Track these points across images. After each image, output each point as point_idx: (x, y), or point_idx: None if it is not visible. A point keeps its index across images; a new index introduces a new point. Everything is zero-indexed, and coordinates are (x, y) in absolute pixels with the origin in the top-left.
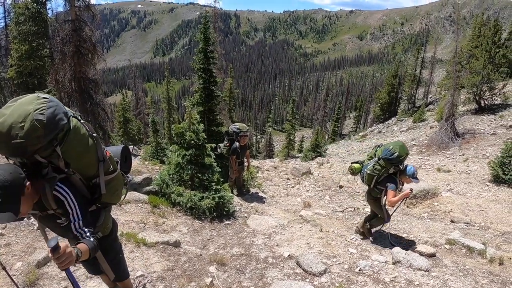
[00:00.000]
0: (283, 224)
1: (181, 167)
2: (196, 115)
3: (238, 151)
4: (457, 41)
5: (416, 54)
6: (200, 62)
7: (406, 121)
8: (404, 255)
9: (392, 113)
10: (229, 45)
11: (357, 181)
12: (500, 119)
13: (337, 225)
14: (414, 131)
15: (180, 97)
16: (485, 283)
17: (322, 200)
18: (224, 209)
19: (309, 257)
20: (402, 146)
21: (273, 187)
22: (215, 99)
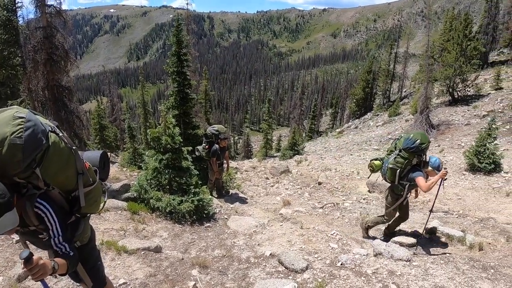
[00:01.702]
0: (263, 223)
1: (158, 172)
2: (171, 118)
3: (219, 153)
4: (428, 35)
5: (389, 50)
6: (174, 65)
7: (382, 115)
8: (384, 246)
9: (367, 108)
10: (203, 47)
11: (378, 179)
12: (473, 109)
13: (317, 221)
14: (390, 125)
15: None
16: (466, 269)
17: (301, 197)
18: (204, 212)
19: (290, 254)
20: (424, 134)
21: (252, 187)
22: (190, 102)
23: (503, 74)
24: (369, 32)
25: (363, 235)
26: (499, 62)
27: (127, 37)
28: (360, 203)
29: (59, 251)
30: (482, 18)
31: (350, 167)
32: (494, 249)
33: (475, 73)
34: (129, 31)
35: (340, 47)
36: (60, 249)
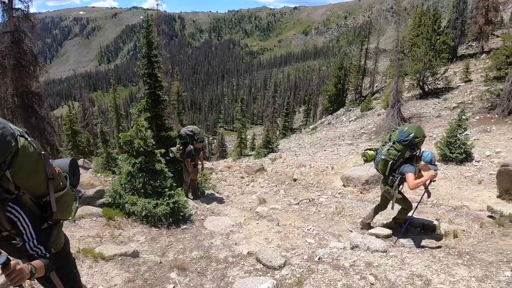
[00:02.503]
0: (240, 222)
1: (132, 176)
2: (143, 121)
3: (193, 154)
4: (398, 31)
5: (360, 46)
6: (145, 67)
7: (354, 110)
8: (361, 239)
9: (340, 104)
10: (175, 48)
11: (370, 169)
12: (444, 101)
13: (294, 217)
14: (362, 120)
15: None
16: (442, 257)
17: (277, 195)
18: (180, 214)
19: (268, 252)
20: (419, 128)
21: (228, 187)
22: (162, 104)
23: (472, 67)
24: (340, 29)
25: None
26: (468, 55)
27: (98, 40)
28: (335, 197)
29: (35, 254)
30: (451, 13)
31: (324, 162)
32: (469, 236)
33: (445, 67)
34: (99, 34)
35: (312, 45)
36: (36, 252)
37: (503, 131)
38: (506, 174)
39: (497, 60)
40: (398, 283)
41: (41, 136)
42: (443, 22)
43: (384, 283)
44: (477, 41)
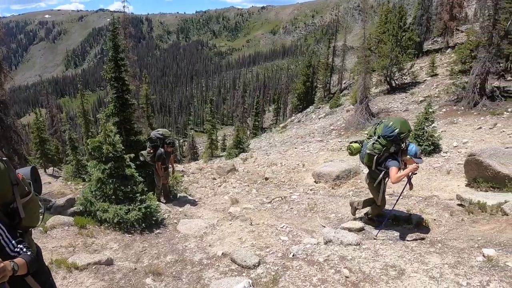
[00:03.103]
0: (213, 224)
1: (102, 182)
2: (111, 126)
3: (164, 157)
4: (364, 28)
5: (328, 44)
6: (111, 71)
7: (324, 107)
8: (334, 233)
9: (309, 101)
10: (143, 51)
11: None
12: (411, 96)
13: (267, 216)
14: (331, 116)
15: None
16: (414, 246)
17: (249, 194)
18: (153, 219)
19: (242, 251)
20: (404, 122)
21: (200, 189)
22: (130, 108)
23: (437, 61)
24: (308, 27)
25: (371, 225)
26: (433, 50)
27: (64, 44)
28: (307, 194)
29: (16, 255)
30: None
31: (295, 160)
32: (440, 225)
33: (411, 62)
34: (65, 37)
35: (280, 44)
36: (17, 252)
37: (469, 122)
38: (473, 163)
39: (461, 54)
40: (373, 275)
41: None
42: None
43: (358, 275)
44: (442, 36)
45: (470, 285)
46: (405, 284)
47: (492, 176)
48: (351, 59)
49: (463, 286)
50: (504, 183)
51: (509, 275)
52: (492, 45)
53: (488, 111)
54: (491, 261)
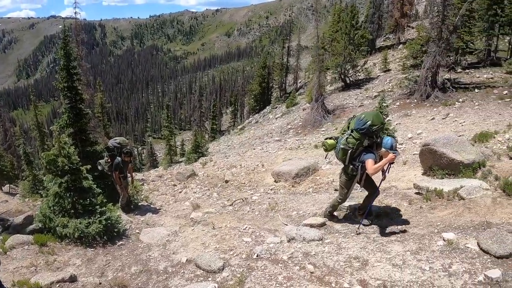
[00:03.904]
0: (175, 231)
1: (60, 197)
2: (65, 138)
3: (121, 166)
4: (317, 28)
5: (282, 44)
6: (64, 80)
7: (280, 107)
8: (296, 231)
9: (266, 102)
10: (97, 58)
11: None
12: (365, 91)
13: (229, 219)
14: (288, 116)
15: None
16: (376, 237)
17: (210, 198)
18: (114, 230)
19: (206, 256)
20: (377, 115)
21: (160, 196)
22: (84, 118)
23: (390, 57)
24: (262, 29)
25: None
26: (385, 46)
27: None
28: (268, 194)
29: None
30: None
31: (255, 161)
32: (399, 214)
33: (364, 59)
34: (16, 47)
35: (235, 46)
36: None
37: (422, 114)
38: (428, 152)
39: (413, 50)
40: (337, 268)
41: None
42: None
43: (323, 269)
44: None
45: (433, 269)
46: (369, 274)
47: (447, 163)
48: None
49: (426, 270)
50: (459, 169)
51: (470, 256)
52: (442, 40)
53: (440, 102)
54: (452, 244)
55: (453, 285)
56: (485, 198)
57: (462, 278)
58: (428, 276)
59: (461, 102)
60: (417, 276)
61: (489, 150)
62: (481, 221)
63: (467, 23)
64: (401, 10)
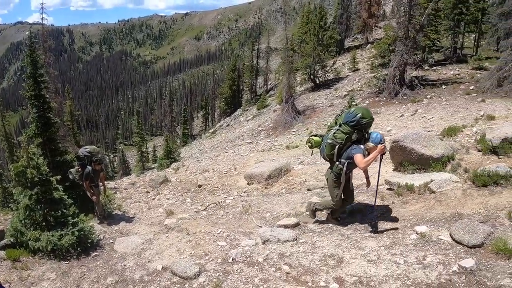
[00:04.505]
0: (150, 238)
1: (31, 209)
2: (33, 148)
3: (92, 175)
4: (285, 30)
5: (252, 47)
6: (31, 88)
7: (251, 109)
8: (270, 232)
9: (237, 105)
10: (65, 64)
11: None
12: (335, 91)
13: (203, 224)
14: (259, 118)
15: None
16: (350, 234)
17: (184, 204)
18: (88, 241)
19: (181, 263)
20: (367, 109)
21: (134, 204)
22: (53, 127)
23: (358, 57)
24: (232, 32)
25: (310, 217)
26: (354, 47)
27: None
28: (241, 197)
29: None
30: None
31: (227, 164)
32: (372, 210)
33: (333, 59)
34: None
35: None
36: None
37: (391, 111)
38: (398, 148)
39: (380, 49)
40: (313, 267)
41: None
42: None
43: (299, 269)
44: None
45: (407, 262)
46: (345, 271)
47: (417, 158)
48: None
49: (400, 264)
50: (429, 163)
51: (443, 247)
52: (409, 39)
53: (408, 99)
54: (425, 237)
55: (428, 277)
56: (456, 191)
57: (437, 270)
58: (403, 270)
59: (429, 99)
60: (392, 270)
61: (457, 144)
62: (452, 213)
63: (433, 22)
64: (368, 11)
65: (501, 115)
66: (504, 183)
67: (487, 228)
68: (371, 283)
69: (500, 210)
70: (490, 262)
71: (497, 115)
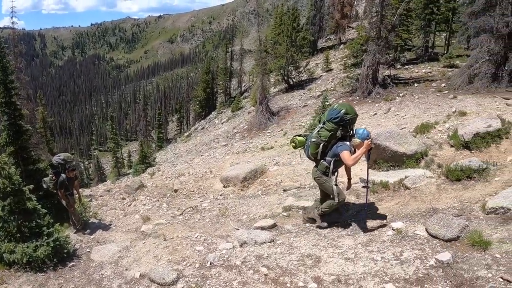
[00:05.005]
0: (126, 246)
1: (4, 221)
2: (4, 158)
3: (66, 184)
4: (259, 31)
5: (225, 49)
6: (1, 95)
7: (226, 112)
8: (247, 235)
9: (211, 107)
10: (37, 69)
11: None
12: (309, 92)
13: (180, 229)
14: (234, 120)
15: None
16: (327, 233)
17: (160, 209)
18: (64, 251)
19: (159, 269)
20: (350, 106)
21: (110, 211)
22: (25, 134)
23: (331, 57)
24: (206, 34)
25: (317, 224)
26: (327, 47)
27: None
28: (217, 200)
29: None
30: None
31: (203, 167)
32: (348, 208)
33: (307, 60)
34: None
35: (178, 52)
36: None
37: (365, 110)
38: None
39: (353, 49)
40: (291, 267)
41: None
42: (303, 20)
43: (277, 271)
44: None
45: (385, 259)
46: (323, 270)
47: (391, 156)
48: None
49: (378, 261)
50: (402, 160)
51: (419, 242)
52: (381, 39)
53: (381, 98)
54: (401, 233)
55: (405, 272)
56: (430, 186)
57: (414, 264)
58: (380, 266)
59: (402, 97)
60: (370, 267)
61: (430, 140)
62: (427, 208)
63: (405, 22)
64: (341, 12)
65: (473, 110)
66: (477, 177)
67: (462, 222)
68: (350, 281)
69: (474, 203)
70: (466, 254)
71: (469, 111)
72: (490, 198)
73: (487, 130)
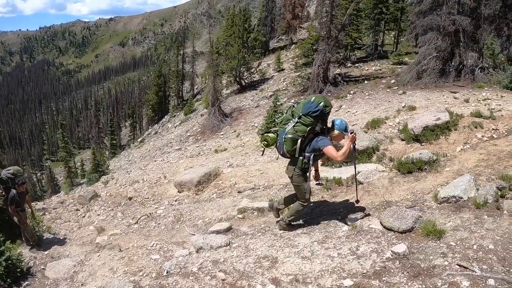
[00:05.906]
0: (81, 260)
1: None
2: None
3: (17, 199)
4: (210, 33)
5: (177, 51)
6: None
7: (179, 115)
8: (203, 240)
9: (164, 111)
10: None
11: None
12: (261, 92)
13: (135, 238)
14: (187, 123)
15: None
16: (282, 232)
17: (115, 219)
18: (17, 270)
19: (115, 282)
20: (325, 98)
21: (64, 224)
22: None
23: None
24: (157, 36)
25: (287, 229)
26: (279, 47)
27: None
28: (172, 205)
29: None
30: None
31: (157, 173)
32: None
33: (258, 61)
34: None
35: (130, 56)
36: None
37: None
38: None
39: (304, 49)
40: (248, 270)
41: None
42: (254, 21)
43: (234, 275)
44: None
45: (341, 255)
46: (280, 271)
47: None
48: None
49: (334, 257)
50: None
51: (375, 235)
52: (331, 38)
53: (333, 96)
54: (356, 227)
55: (362, 266)
56: (382, 180)
57: (371, 258)
58: (337, 263)
59: (353, 94)
60: (327, 264)
61: (381, 135)
62: (381, 201)
63: (355, 22)
64: (292, 12)
65: (422, 105)
66: (428, 168)
67: (415, 213)
68: (308, 279)
69: (427, 194)
70: (422, 244)
71: (418, 105)
72: (441, 188)
73: (436, 123)
